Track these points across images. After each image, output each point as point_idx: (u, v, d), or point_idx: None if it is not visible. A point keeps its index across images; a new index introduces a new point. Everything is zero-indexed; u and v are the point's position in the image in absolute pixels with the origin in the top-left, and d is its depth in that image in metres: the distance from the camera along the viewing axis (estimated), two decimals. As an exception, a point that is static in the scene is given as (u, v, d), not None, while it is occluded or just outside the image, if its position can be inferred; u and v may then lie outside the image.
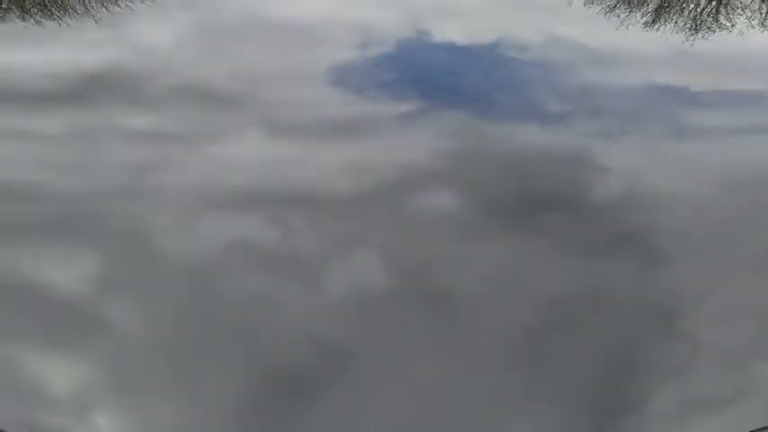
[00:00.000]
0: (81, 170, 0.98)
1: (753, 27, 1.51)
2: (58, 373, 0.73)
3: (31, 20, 1.37)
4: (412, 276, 0.84)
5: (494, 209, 0.94)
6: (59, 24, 1.36)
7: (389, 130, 1.08)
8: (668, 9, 1.45)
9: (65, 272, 0.84)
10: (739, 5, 1.58)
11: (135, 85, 1.15)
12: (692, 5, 1.47)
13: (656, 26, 1.40)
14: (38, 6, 1.42)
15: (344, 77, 1.17)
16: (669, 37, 1.38)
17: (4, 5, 1.47)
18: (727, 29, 1.47)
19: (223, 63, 1.17)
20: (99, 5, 1.37)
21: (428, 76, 1.17)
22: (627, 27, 1.35)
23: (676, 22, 1.42)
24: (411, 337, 0.77)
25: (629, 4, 1.42)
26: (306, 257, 0.86)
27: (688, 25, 1.42)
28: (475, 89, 1.17)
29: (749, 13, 1.52)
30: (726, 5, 1.54)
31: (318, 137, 1.04)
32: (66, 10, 1.38)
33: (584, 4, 1.37)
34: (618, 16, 1.37)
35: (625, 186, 1.00)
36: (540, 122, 1.12)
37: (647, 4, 1.42)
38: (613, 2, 1.41)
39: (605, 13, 1.35)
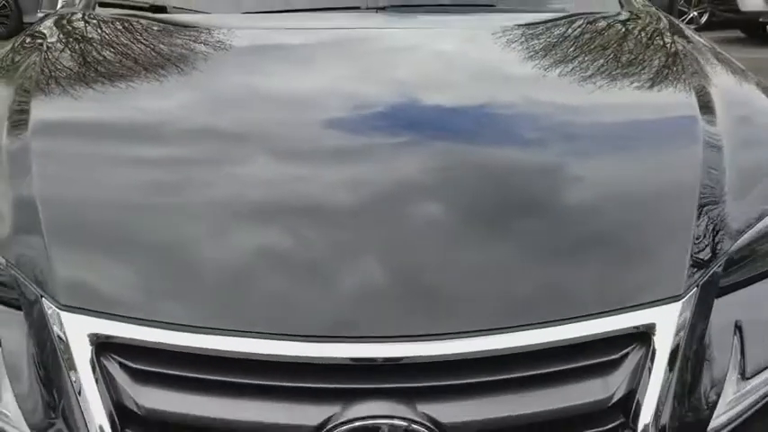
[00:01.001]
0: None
1: None
2: None
3: None
4: (405, 273, 0.97)
5: (475, 216, 1.06)
6: None
7: (384, 155, 1.19)
8: None
9: None
10: None
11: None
12: None
13: None
14: None
15: (341, 123, 1.28)
16: None
17: None
18: None
19: (229, 114, 1.31)
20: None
21: (418, 122, 1.29)
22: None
23: None
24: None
25: None
26: (314, 259, 0.97)
27: None
28: (461, 128, 1.30)
29: None
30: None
31: (321, 161, 1.16)
32: None
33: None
34: None
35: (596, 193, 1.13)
36: (519, 147, 1.26)
37: None
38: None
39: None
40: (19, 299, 0.96)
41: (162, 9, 1.84)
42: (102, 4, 1.90)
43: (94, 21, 1.81)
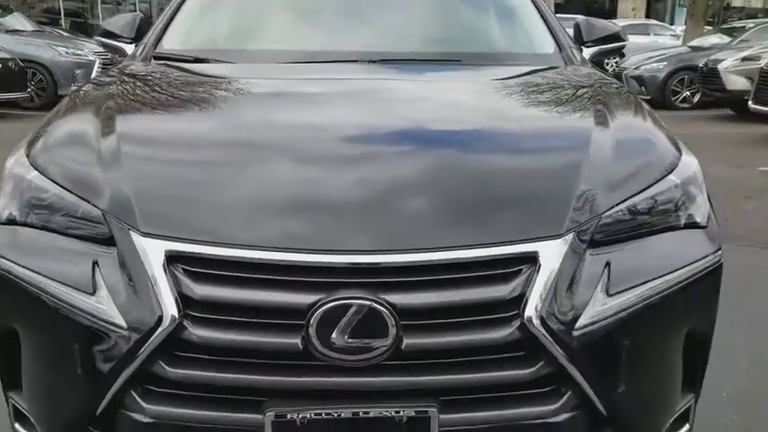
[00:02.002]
0: None
1: None
2: None
3: None
4: (372, 214, 1.46)
5: (459, 206, 1.49)
6: None
7: (386, 160, 1.66)
8: None
9: None
10: None
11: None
12: None
13: None
14: None
15: (350, 138, 1.76)
16: None
17: None
18: None
19: (253, 134, 1.80)
20: None
21: (395, 131, 1.81)
22: None
23: None
24: None
25: None
26: (318, 199, 1.47)
27: None
28: (423, 134, 1.80)
29: None
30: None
31: (334, 163, 1.62)
32: None
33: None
34: None
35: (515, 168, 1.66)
36: (462, 139, 1.78)
37: None
38: None
39: None
40: (112, 235, 1.43)
41: (203, 60, 2.39)
42: (157, 57, 2.44)
43: (153, 68, 2.35)
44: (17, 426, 1.67)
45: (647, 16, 29.46)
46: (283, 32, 2.65)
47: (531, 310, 1.34)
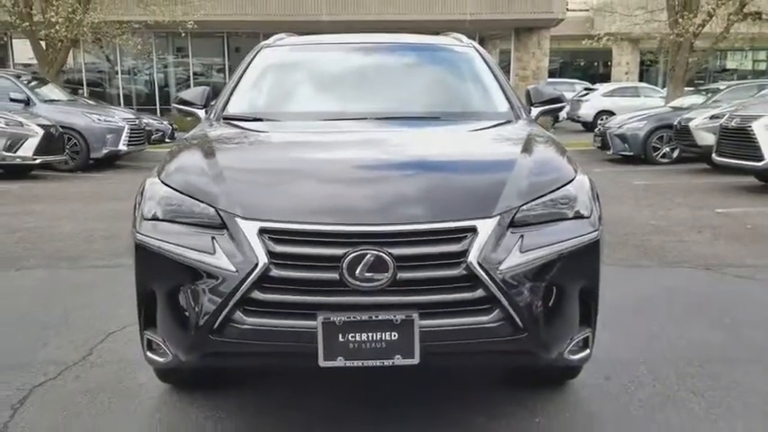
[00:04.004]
0: None
1: None
2: None
3: None
4: (380, 196, 2.49)
5: (432, 199, 2.48)
6: None
7: (387, 174, 2.66)
8: None
9: None
10: None
11: None
12: None
13: None
14: None
15: (362, 161, 2.78)
16: None
17: None
18: None
19: (299, 158, 2.87)
20: None
21: (407, 162, 2.81)
22: None
23: None
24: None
25: None
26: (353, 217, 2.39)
27: None
28: (432, 163, 2.81)
29: None
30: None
31: (353, 176, 2.65)
32: None
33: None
34: None
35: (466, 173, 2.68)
36: (459, 169, 2.79)
37: None
38: None
39: None
40: (223, 222, 2.38)
41: (258, 119, 3.43)
42: (225, 118, 3.48)
43: (224, 124, 3.39)
44: (148, 353, 2.61)
45: (641, 80, 31.00)
46: (314, 100, 3.73)
47: (472, 258, 2.30)
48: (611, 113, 19.55)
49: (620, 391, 3.11)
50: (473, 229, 2.33)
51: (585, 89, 24.62)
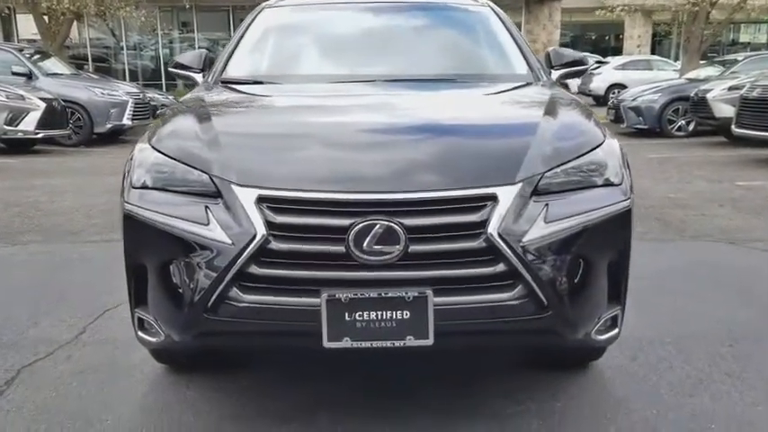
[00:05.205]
0: None
1: None
2: None
3: None
4: (390, 164, 2.26)
5: (450, 165, 2.26)
6: None
7: (397, 137, 2.43)
8: None
9: None
10: None
11: None
12: None
13: None
14: None
15: (370, 125, 2.55)
16: None
17: None
18: None
19: (302, 122, 2.66)
20: None
21: (419, 125, 2.56)
22: None
23: None
24: None
25: None
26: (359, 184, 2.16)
27: None
28: (448, 127, 2.57)
29: None
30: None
31: (360, 140, 2.41)
32: None
33: None
34: None
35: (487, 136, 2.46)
36: (477, 133, 2.56)
37: None
38: None
39: None
40: (217, 190, 2.16)
41: (259, 82, 3.19)
42: (224, 82, 3.24)
43: (223, 88, 3.16)
44: (140, 333, 2.41)
45: (653, 53, 30.45)
46: (318, 62, 3.47)
47: (492, 229, 2.07)
48: (622, 87, 19.16)
49: (648, 373, 2.90)
50: (493, 198, 2.11)
51: (597, 62, 24.14)
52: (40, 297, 3.92)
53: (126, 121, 12.44)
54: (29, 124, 10.57)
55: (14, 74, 11.96)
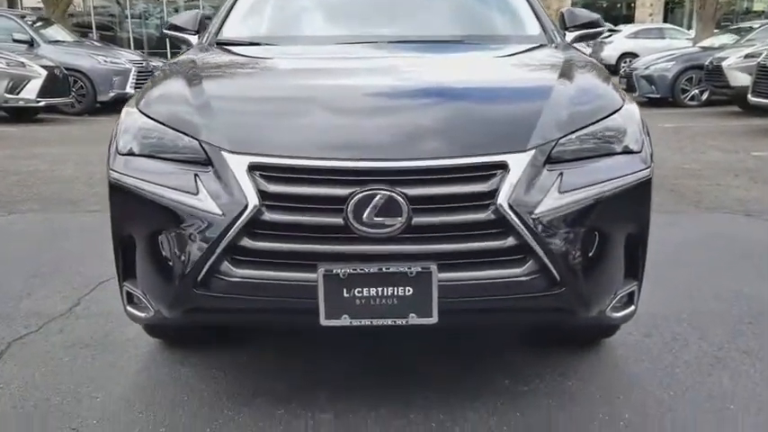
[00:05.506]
0: None
1: None
2: None
3: None
4: (393, 132, 2.10)
5: (457, 130, 2.10)
6: None
7: (401, 101, 2.29)
8: None
9: None
10: None
11: None
12: None
13: None
14: None
15: (373, 87, 2.38)
16: None
17: None
18: None
19: (301, 83, 2.51)
20: None
21: (424, 88, 2.39)
22: None
23: None
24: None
25: None
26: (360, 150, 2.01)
27: None
28: (455, 90, 2.39)
29: None
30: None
31: (363, 104, 2.24)
32: None
33: None
34: None
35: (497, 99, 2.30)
36: (487, 97, 2.39)
37: None
38: None
39: None
40: (208, 157, 2.02)
41: (256, 44, 3.02)
42: (219, 44, 3.07)
43: (218, 49, 3.00)
44: (129, 308, 2.29)
45: (665, 21, 29.86)
46: (319, 22, 3.30)
47: (502, 200, 1.92)
48: (634, 56, 18.83)
49: (662, 351, 2.76)
50: (503, 166, 1.96)
51: (609, 31, 23.70)
52: (35, 267, 3.81)
53: (129, 89, 12.25)
54: (30, 92, 10.42)
55: (16, 41, 11.80)
